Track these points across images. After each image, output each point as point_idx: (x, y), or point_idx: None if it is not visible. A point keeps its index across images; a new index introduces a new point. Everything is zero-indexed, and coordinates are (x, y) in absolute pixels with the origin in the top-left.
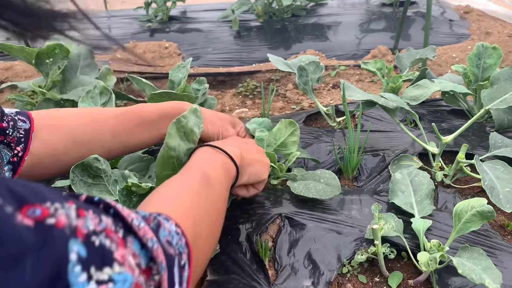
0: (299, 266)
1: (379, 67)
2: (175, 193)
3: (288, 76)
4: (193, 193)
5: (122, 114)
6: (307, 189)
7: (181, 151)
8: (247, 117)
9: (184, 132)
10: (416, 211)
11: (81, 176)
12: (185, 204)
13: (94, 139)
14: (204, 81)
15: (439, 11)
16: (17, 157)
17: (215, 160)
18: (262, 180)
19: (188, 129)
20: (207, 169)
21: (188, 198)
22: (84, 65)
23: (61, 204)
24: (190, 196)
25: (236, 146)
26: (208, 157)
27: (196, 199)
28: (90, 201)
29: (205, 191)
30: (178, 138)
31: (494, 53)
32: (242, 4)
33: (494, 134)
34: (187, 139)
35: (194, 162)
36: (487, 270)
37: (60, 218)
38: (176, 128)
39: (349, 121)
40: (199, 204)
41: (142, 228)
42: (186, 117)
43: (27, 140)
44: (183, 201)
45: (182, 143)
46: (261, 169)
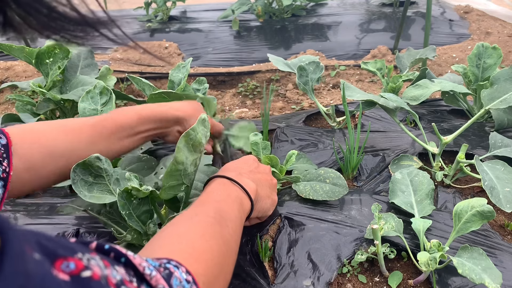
0: (299, 266)
1: (379, 67)
2: (187, 234)
3: (288, 76)
4: (206, 234)
5: (98, 122)
6: (314, 192)
7: (188, 163)
8: (247, 117)
9: (192, 144)
10: (416, 211)
11: (82, 175)
12: (198, 248)
13: (72, 150)
14: (204, 81)
15: (439, 11)
16: (5, 172)
17: (230, 194)
18: (267, 215)
19: (196, 141)
20: (222, 204)
21: (201, 240)
22: (84, 65)
23: (89, 255)
24: (203, 237)
25: (252, 179)
26: (223, 191)
27: (209, 241)
28: (101, 250)
29: (219, 231)
30: (186, 151)
31: (494, 53)
32: (242, 4)
33: (494, 134)
34: (194, 150)
35: (209, 195)
36: (487, 270)
37: (95, 270)
38: (185, 141)
39: (349, 121)
40: (212, 246)
41: (154, 277)
42: (195, 130)
43: (8, 155)
44: (195, 244)
45: (189, 155)
46: (270, 207)
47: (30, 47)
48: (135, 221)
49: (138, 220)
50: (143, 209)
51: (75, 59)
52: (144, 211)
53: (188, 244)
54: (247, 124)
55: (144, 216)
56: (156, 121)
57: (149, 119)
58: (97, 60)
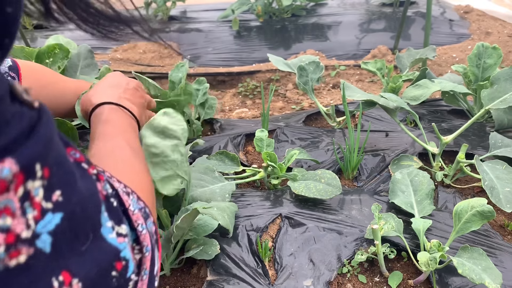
0: (299, 266)
1: (379, 67)
2: (131, 174)
3: (288, 76)
4: (139, 172)
5: (81, 82)
6: (307, 189)
7: (162, 147)
8: (247, 117)
9: (159, 131)
10: (416, 211)
11: None
12: (145, 188)
13: (62, 97)
14: (204, 81)
15: (439, 11)
16: None
17: (130, 123)
18: None
19: (162, 127)
20: (129, 136)
21: (143, 181)
22: (84, 65)
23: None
24: (141, 177)
25: (132, 102)
26: (122, 121)
27: (139, 174)
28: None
29: (140, 162)
30: (154, 136)
31: (494, 53)
32: (242, 4)
33: (494, 134)
34: (166, 136)
35: (114, 126)
36: (487, 270)
37: (90, 168)
38: (149, 129)
39: (349, 121)
40: (143, 178)
41: (136, 214)
42: (155, 118)
43: None
44: (142, 183)
45: (160, 140)
46: (142, 122)
47: (30, 47)
48: None
49: None
50: None
51: (75, 59)
52: None
53: (140, 187)
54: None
55: None
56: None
57: None
58: (97, 60)
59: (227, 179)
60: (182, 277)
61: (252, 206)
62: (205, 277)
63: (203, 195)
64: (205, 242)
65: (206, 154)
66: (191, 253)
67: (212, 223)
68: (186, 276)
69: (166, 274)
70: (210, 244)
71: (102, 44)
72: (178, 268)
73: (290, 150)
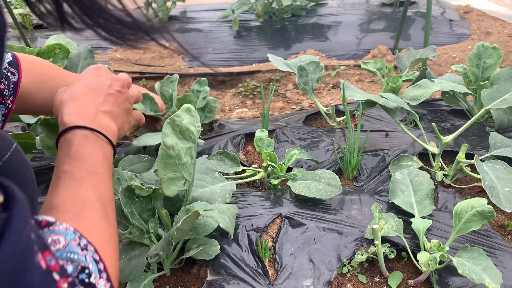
0: (299, 266)
1: (379, 67)
2: (100, 242)
3: (288, 76)
4: (108, 242)
5: (75, 75)
6: (307, 189)
7: (180, 149)
8: (247, 117)
9: (180, 131)
10: (416, 211)
11: None
12: (113, 259)
13: (60, 85)
14: (205, 82)
15: (439, 11)
16: (7, 108)
17: (98, 154)
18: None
19: (183, 127)
20: (96, 178)
21: (111, 251)
22: (84, 65)
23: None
24: (110, 248)
25: (110, 114)
26: (91, 153)
27: (112, 249)
28: None
29: (103, 214)
30: (174, 137)
31: (494, 53)
32: (242, 4)
33: (494, 134)
34: (184, 137)
35: (80, 162)
36: (487, 270)
37: (62, 280)
38: (170, 127)
39: (349, 121)
40: (103, 229)
41: None
42: (179, 116)
43: (15, 92)
44: (110, 254)
45: (179, 142)
46: (127, 129)
47: (30, 47)
48: (137, 219)
49: (140, 218)
50: (145, 208)
51: (75, 59)
52: (146, 209)
53: (88, 230)
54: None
55: (146, 215)
56: None
57: None
58: (97, 60)
59: (227, 179)
60: (182, 277)
61: (252, 206)
62: (205, 277)
63: (204, 195)
64: (205, 242)
65: (206, 154)
66: (191, 253)
67: (212, 223)
68: (186, 276)
69: (166, 274)
70: (210, 244)
71: (103, 44)
72: (178, 268)
73: (290, 150)
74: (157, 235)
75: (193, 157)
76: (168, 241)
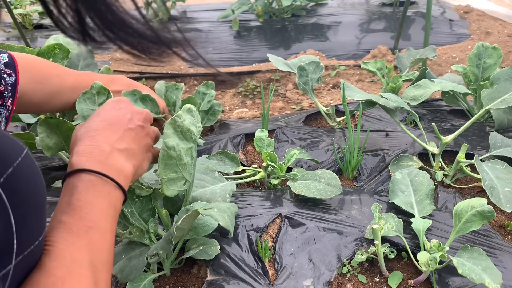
0: (299, 266)
1: (379, 67)
2: None
3: (288, 76)
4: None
5: (80, 75)
6: (307, 189)
7: (181, 150)
8: (247, 117)
9: (181, 131)
10: (416, 211)
11: None
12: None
13: (57, 92)
14: (212, 86)
15: (439, 11)
16: (8, 111)
17: (102, 203)
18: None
19: (185, 128)
20: (95, 236)
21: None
22: (84, 65)
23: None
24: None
25: (126, 154)
26: (93, 204)
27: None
28: None
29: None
30: (176, 137)
31: (494, 53)
32: (242, 4)
33: (494, 134)
34: (185, 138)
35: (82, 217)
36: (487, 270)
37: None
38: (172, 128)
39: (349, 121)
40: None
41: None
42: (181, 116)
43: (14, 94)
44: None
45: (180, 142)
46: (146, 166)
47: (30, 47)
48: (137, 219)
49: (140, 218)
50: (145, 208)
51: (75, 59)
52: (146, 209)
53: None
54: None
55: (146, 214)
56: (120, 83)
57: (112, 81)
58: (97, 60)
59: (227, 179)
60: (182, 277)
61: (252, 206)
62: (205, 277)
63: (204, 195)
64: (205, 242)
65: (206, 154)
66: (191, 253)
67: (212, 223)
68: (186, 276)
69: (166, 274)
70: (210, 244)
71: None
72: (178, 268)
73: (290, 150)
74: (157, 235)
75: (194, 157)
76: (168, 240)
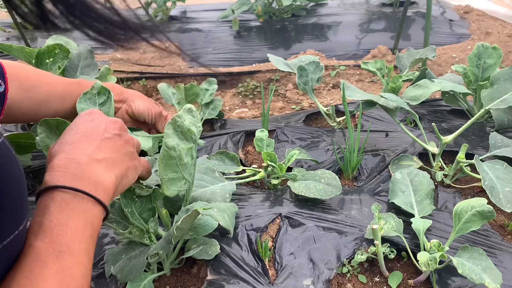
0: (299, 266)
1: (379, 67)
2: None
3: (288, 76)
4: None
5: (70, 84)
6: (307, 189)
7: (181, 150)
8: (247, 117)
9: (181, 131)
10: (416, 211)
11: None
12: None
13: (45, 101)
14: (214, 82)
15: (439, 11)
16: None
17: (77, 224)
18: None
19: (185, 128)
20: (67, 262)
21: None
22: (84, 65)
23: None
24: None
25: (106, 163)
26: (67, 225)
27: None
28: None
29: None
30: (176, 137)
31: (494, 53)
32: (242, 4)
33: (494, 134)
34: (185, 138)
35: (54, 241)
36: (487, 270)
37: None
38: (172, 128)
39: (349, 121)
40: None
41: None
42: (181, 116)
43: (2, 103)
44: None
45: (180, 142)
46: (132, 176)
47: (30, 47)
48: (137, 219)
49: (140, 218)
50: (145, 208)
51: (75, 59)
52: (146, 209)
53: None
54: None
55: (146, 214)
56: (116, 93)
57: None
58: (97, 60)
59: (227, 179)
60: (182, 277)
61: (252, 206)
62: (205, 277)
63: (204, 195)
64: (205, 242)
65: (206, 154)
66: (191, 253)
67: (212, 223)
68: (186, 276)
69: (166, 274)
70: (210, 244)
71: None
72: (178, 268)
73: (290, 150)
74: (157, 235)
75: (194, 157)
76: (168, 240)
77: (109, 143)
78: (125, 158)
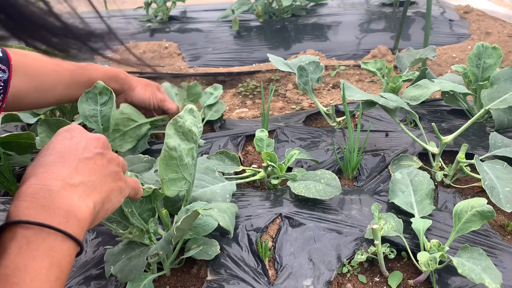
0: (299, 266)
1: (379, 67)
2: None
3: (288, 76)
4: None
5: (76, 70)
6: (307, 189)
7: (182, 151)
8: (247, 117)
9: (182, 132)
10: (416, 211)
11: None
12: None
13: (51, 89)
14: (220, 88)
15: (439, 11)
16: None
17: (41, 270)
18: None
19: (186, 129)
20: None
21: None
22: None
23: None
24: None
25: (84, 187)
26: (30, 268)
27: None
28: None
29: None
30: (177, 138)
31: (494, 53)
32: (242, 4)
33: (494, 134)
34: (186, 139)
35: (8, 285)
36: (487, 270)
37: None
38: (173, 128)
39: (349, 121)
40: None
41: None
42: (182, 117)
43: (5, 90)
44: None
45: (181, 143)
46: (117, 199)
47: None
48: (137, 219)
49: (140, 218)
50: (145, 208)
51: None
52: (146, 209)
53: None
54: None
55: (146, 214)
56: (117, 81)
57: (111, 78)
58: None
59: (227, 179)
60: (182, 277)
61: (252, 206)
62: (205, 277)
63: (204, 195)
64: (205, 242)
65: (206, 154)
66: (191, 253)
67: (212, 223)
68: (186, 276)
69: (166, 274)
70: (210, 244)
71: None
72: (178, 268)
73: (290, 150)
74: (157, 235)
75: (195, 157)
76: (168, 240)
77: (88, 164)
78: (108, 180)
